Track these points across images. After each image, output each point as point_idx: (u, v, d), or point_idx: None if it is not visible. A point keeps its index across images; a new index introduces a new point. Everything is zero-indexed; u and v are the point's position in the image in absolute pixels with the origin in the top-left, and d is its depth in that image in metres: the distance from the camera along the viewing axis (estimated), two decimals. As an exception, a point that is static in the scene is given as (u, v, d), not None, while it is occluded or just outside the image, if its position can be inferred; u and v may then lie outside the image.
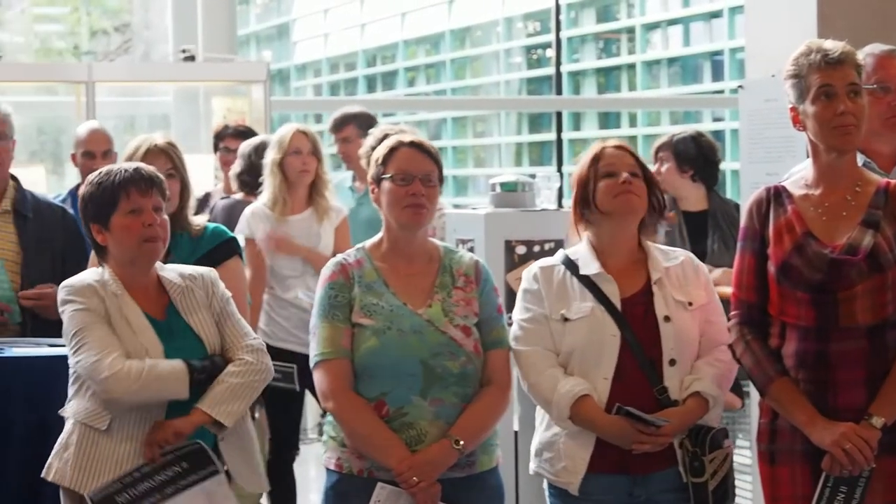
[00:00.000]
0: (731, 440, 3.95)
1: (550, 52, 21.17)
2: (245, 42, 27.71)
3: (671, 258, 3.93)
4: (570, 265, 3.89)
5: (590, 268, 3.85)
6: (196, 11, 11.09)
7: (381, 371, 3.76)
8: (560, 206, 5.94)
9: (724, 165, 6.96)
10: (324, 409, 3.89)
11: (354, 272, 3.86)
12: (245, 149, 6.62)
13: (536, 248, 5.46)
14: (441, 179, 3.92)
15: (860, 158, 3.94)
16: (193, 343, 3.83)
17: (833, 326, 3.60)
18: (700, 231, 5.96)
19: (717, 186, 6.14)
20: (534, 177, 5.87)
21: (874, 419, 3.57)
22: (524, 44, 22.74)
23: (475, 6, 23.16)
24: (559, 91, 17.75)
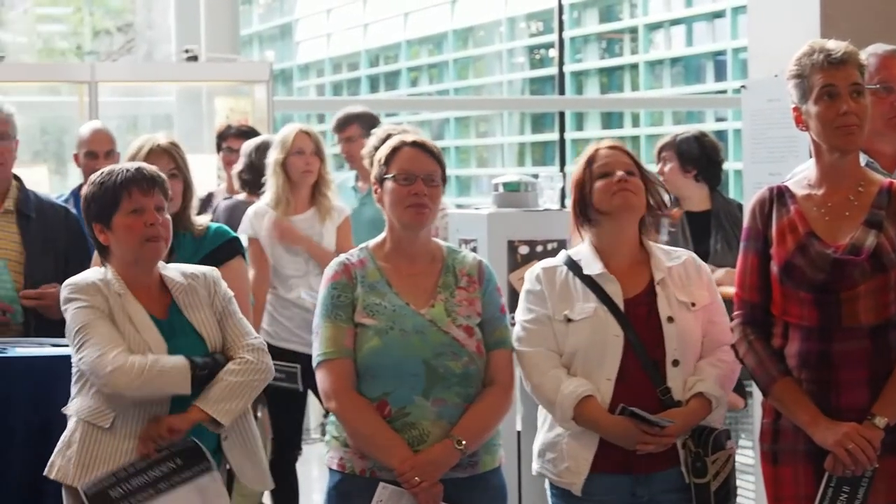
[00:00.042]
0: (734, 440, 3.95)
1: (553, 52, 21.17)
2: (248, 42, 27.71)
3: (673, 258, 3.93)
4: (573, 266, 3.88)
5: (592, 268, 3.85)
6: (199, 11, 11.09)
7: (384, 371, 3.76)
8: (563, 206, 5.91)
9: (727, 165, 6.94)
10: (326, 409, 3.89)
11: (357, 272, 3.86)
12: (247, 148, 6.63)
13: (539, 249, 5.44)
14: (444, 179, 3.92)
15: (863, 158, 3.93)
16: (195, 341, 3.83)
17: (836, 326, 3.60)
18: (703, 231, 5.95)
19: (720, 186, 6.14)
20: (537, 177, 5.86)
21: (877, 419, 3.57)
22: (527, 44, 22.74)
23: (478, 6, 23.17)
24: (562, 91, 17.75)
